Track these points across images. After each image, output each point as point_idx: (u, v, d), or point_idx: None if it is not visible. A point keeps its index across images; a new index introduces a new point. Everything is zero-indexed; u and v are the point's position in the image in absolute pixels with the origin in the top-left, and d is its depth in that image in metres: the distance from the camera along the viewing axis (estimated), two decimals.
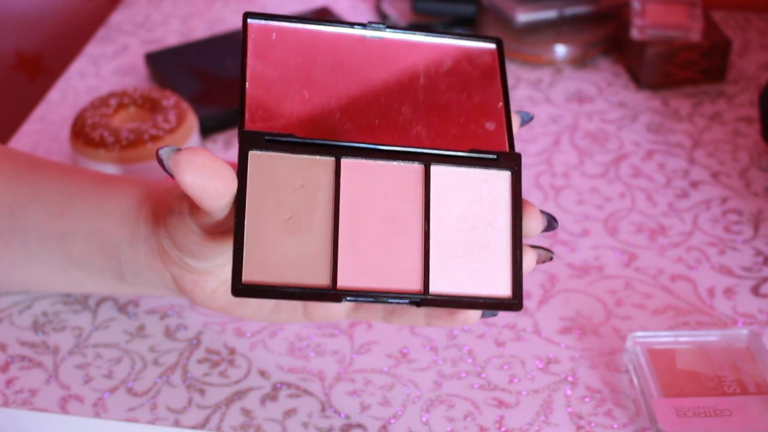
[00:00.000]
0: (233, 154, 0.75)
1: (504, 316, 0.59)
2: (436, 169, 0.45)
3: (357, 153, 0.45)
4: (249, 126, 0.44)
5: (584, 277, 0.62)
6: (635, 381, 0.54)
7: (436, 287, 0.44)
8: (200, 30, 0.92)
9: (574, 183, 0.70)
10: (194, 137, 0.72)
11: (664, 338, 0.55)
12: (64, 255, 0.54)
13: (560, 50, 0.84)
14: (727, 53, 0.80)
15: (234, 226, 0.43)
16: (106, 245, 0.53)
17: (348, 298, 0.43)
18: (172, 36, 0.92)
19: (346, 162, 0.44)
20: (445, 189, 0.45)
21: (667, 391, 0.52)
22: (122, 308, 0.60)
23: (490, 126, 0.47)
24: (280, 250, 0.43)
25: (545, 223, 0.47)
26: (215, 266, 0.50)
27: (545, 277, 0.62)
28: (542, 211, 0.47)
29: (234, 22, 0.93)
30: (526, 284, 0.61)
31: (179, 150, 0.42)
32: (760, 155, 0.73)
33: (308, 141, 0.44)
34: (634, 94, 0.81)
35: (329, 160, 0.44)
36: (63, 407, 0.54)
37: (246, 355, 0.57)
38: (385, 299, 0.43)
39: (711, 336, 0.56)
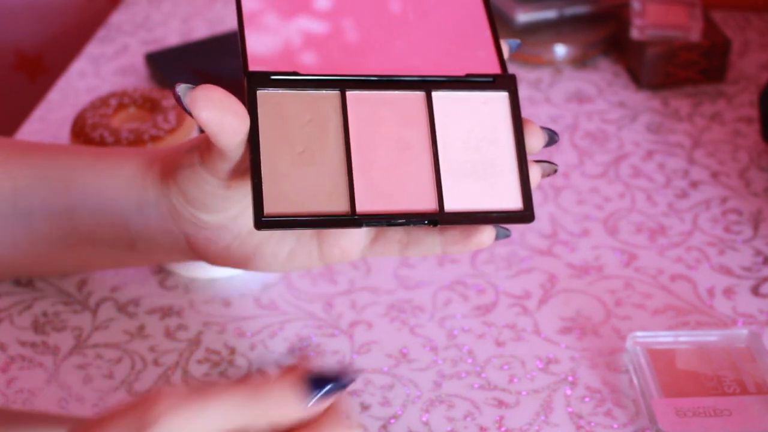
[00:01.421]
0: None
1: (504, 316, 0.59)
2: (437, 95, 0.47)
3: (360, 85, 0.46)
4: (252, 68, 0.45)
5: (584, 277, 0.62)
6: (635, 381, 0.54)
7: (450, 205, 0.45)
8: (200, 30, 0.92)
9: (574, 183, 0.70)
10: (194, 137, 0.72)
11: (664, 338, 0.55)
12: (72, 230, 0.54)
13: (560, 50, 0.84)
14: (727, 53, 0.80)
15: (250, 162, 0.44)
16: (115, 215, 0.53)
17: (371, 222, 0.44)
18: (172, 36, 0.92)
19: (351, 94, 0.46)
20: (448, 113, 0.47)
21: (667, 391, 0.52)
22: (122, 308, 0.60)
23: (481, 53, 0.49)
24: (297, 182, 0.44)
25: (546, 138, 0.48)
26: (229, 218, 0.50)
27: (545, 277, 0.62)
28: (542, 127, 0.48)
29: (234, 22, 0.93)
30: (528, 282, 0.61)
31: (195, 87, 0.43)
32: (760, 155, 0.73)
33: (312, 77, 0.46)
34: (634, 94, 0.81)
35: (335, 94, 0.46)
36: (63, 407, 0.54)
37: (246, 355, 0.57)
38: (403, 221, 0.44)
39: (711, 336, 0.56)
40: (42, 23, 1.07)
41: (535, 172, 0.47)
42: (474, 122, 0.47)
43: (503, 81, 0.48)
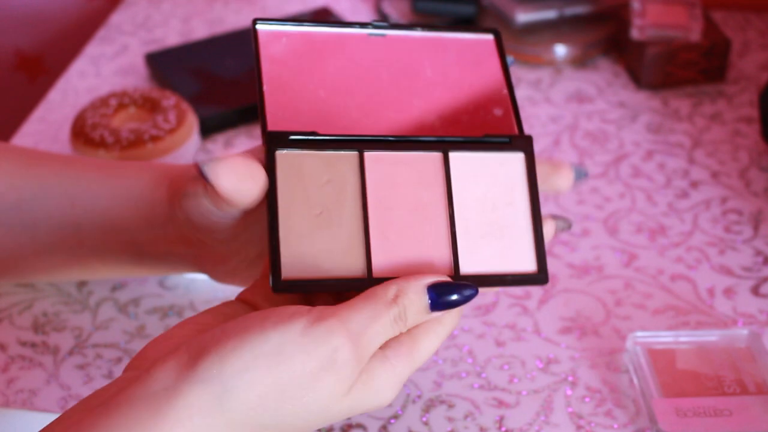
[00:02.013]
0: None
1: (504, 316, 0.59)
2: (454, 156, 0.47)
3: (378, 146, 0.46)
4: (271, 127, 0.45)
5: (584, 277, 0.62)
6: (635, 381, 0.54)
7: (466, 268, 0.45)
8: (200, 30, 0.92)
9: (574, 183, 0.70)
10: (194, 137, 0.72)
11: (664, 338, 0.55)
12: (77, 244, 0.54)
13: (560, 50, 0.84)
14: (726, 53, 0.80)
15: (268, 225, 0.44)
16: (122, 233, 0.53)
17: None
18: (172, 36, 0.92)
19: (369, 155, 0.46)
20: (464, 174, 0.47)
21: (667, 391, 0.52)
22: (122, 308, 0.60)
23: (498, 112, 0.49)
24: (315, 245, 0.44)
25: (573, 177, 0.50)
26: (239, 244, 0.50)
27: None
28: (572, 165, 0.50)
29: (234, 23, 0.93)
30: None
31: (215, 160, 0.43)
32: (760, 155, 0.73)
33: (331, 137, 0.46)
34: (634, 94, 0.81)
35: (353, 154, 0.46)
36: (63, 407, 0.54)
37: None
38: None
39: (711, 336, 0.56)
40: (42, 23, 1.07)
41: (549, 228, 0.48)
42: (490, 183, 0.47)
43: (520, 142, 0.48)
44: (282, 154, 0.45)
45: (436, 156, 0.47)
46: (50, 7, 1.06)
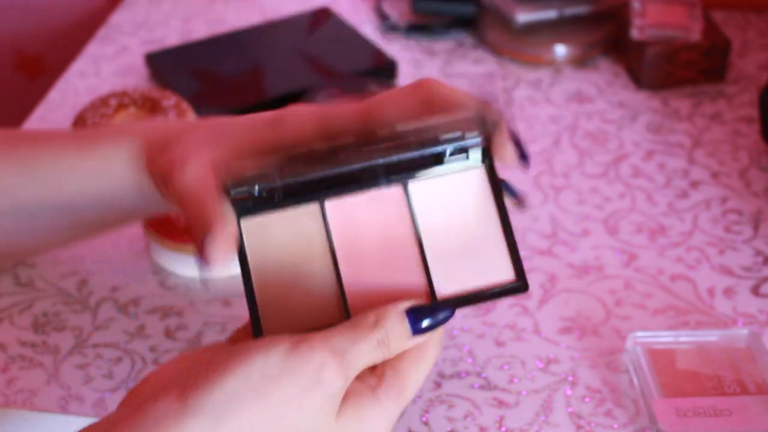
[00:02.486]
0: None
1: (504, 316, 0.59)
2: (413, 186, 0.47)
3: (337, 191, 0.46)
4: (228, 177, 0.45)
5: (584, 277, 0.62)
6: (635, 381, 0.54)
7: (443, 293, 0.45)
8: (200, 30, 0.92)
9: (574, 183, 0.70)
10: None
11: (664, 338, 0.55)
12: (75, 221, 0.54)
13: (560, 50, 0.84)
14: (726, 53, 0.80)
15: (244, 289, 0.45)
16: (119, 211, 0.53)
17: None
18: (172, 36, 0.92)
19: (329, 204, 0.46)
20: (427, 201, 0.46)
21: (667, 391, 0.52)
22: (122, 308, 0.60)
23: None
24: (292, 303, 0.45)
25: (517, 153, 0.48)
26: None
27: (545, 277, 0.62)
28: (516, 145, 0.47)
29: (234, 23, 0.93)
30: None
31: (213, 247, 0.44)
32: (760, 155, 0.73)
33: (290, 193, 0.46)
34: (634, 94, 0.81)
35: (314, 207, 0.46)
36: (63, 407, 0.54)
37: None
38: None
39: (711, 336, 0.56)
40: (42, 23, 1.07)
41: (509, 151, 0.47)
42: (455, 203, 0.47)
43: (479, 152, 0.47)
44: (247, 223, 0.46)
45: (395, 191, 0.46)
46: (50, 7, 1.06)
